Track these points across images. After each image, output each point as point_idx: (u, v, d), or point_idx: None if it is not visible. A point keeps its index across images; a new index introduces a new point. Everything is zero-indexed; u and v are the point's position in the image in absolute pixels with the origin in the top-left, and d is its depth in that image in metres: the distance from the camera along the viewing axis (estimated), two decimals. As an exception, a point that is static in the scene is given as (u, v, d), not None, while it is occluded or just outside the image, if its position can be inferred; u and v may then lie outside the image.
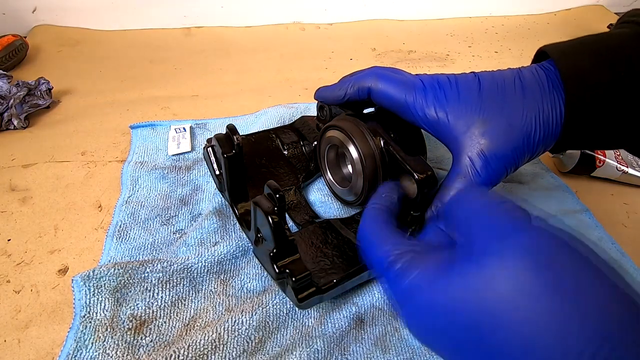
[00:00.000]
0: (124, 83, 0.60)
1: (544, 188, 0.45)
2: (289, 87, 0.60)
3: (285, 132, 0.44)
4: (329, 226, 0.35)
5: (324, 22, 0.78)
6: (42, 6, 0.69)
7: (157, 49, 0.68)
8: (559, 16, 0.84)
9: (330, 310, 0.32)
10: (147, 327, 0.30)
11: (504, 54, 0.72)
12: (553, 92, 0.28)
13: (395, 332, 0.32)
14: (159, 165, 0.43)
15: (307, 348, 0.30)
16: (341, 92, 0.35)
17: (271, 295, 0.32)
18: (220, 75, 0.63)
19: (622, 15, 0.33)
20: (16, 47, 0.60)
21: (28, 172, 0.43)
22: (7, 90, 0.49)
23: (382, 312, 0.33)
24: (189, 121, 0.50)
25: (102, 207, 0.40)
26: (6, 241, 0.37)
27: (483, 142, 0.28)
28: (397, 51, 0.71)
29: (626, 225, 0.43)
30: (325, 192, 0.41)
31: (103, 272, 0.31)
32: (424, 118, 0.30)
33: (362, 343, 0.31)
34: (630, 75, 0.27)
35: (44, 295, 0.33)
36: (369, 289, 0.34)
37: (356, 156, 0.33)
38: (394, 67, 0.34)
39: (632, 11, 0.32)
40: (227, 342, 0.29)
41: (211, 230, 0.36)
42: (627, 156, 0.46)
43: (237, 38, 0.73)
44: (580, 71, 0.28)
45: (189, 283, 0.33)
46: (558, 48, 0.30)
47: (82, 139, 0.48)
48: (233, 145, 0.34)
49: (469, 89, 0.30)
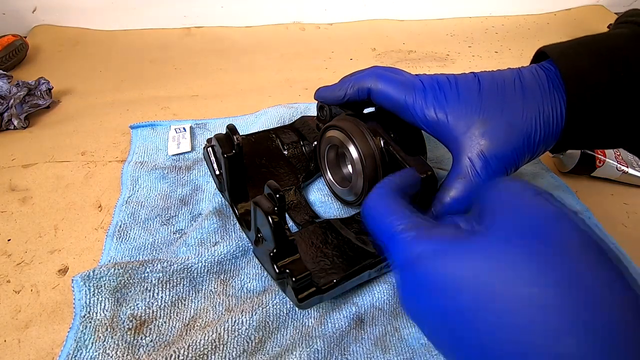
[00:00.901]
0: (124, 83, 0.60)
1: (544, 188, 0.45)
2: (289, 87, 0.60)
3: (285, 132, 0.44)
4: (329, 226, 0.35)
5: (324, 22, 0.78)
6: (42, 6, 0.69)
7: (157, 49, 0.68)
8: (559, 16, 0.84)
9: (330, 310, 0.32)
10: (147, 327, 0.30)
11: (504, 54, 0.72)
12: (554, 93, 0.28)
13: (395, 332, 0.32)
14: (159, 165, 0.43)
15: (307, 348, 0.30)
16: (341, 93, 0.35)
17: (271, 295, 0.32)
18: (220, 75, 0.63)
19: (620, 15, 0.33)
20: (16, 47, 0.60)
21: (28, 172, 0.43)
22: (7, 90, 0.49)
23: (382, 312, 0.33)
24: (189, 121, 0.50)
25: (102, 207, 0.40)
26: (6, 241, 0.37)
27: (483, 143, 0.28)
28: (397, 51, 0.71)
29: (626, 225, 0.43)
30: (325, 192, 0.41)
31: (103, 272, 0.31)
32: (424, 119, 0.30)
33: (362, 343, 0.31)
34: (629, 76, 0.27)
35: (44, 295, 0.33)
36: (369, 289, 0.34)
37: (356, 156, 0.33)
38: (394, 67, 0.34)
39: (630, 11, 0.32)
40: (227, 342, 0.29)
41: (211, 230, 0.36)
42: (627, 156, 0.46)
43: (237, 38, 0.73)
44: (580, 71, 0.28)
45: (189, 283, 0.33)
46: (557, 48, 0.30)
47: (82, 139, 0.48)
48: (233, 145, 0.34)
49: (469, 89, 0.30)
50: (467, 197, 0.29)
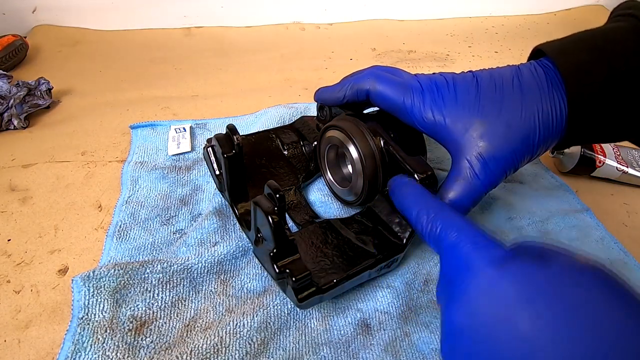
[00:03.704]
0: (124, 83, 0.60)
1: (544, 188, 0.45)
2: (289, 87, 0.60)
3: (285, 132, 0.44)
4: (329, 226, 0.35)
5: (324, 22, 0.78)
6: (42, 6, 0.69)
7: (157, 49, 0.68)
8: (559, 16, 0.84)
9: (334, 316, 0.32)
10: (148, 328, 0.30)
11: (504, 54, 0.72)
12: (552, 91, 0.28)
13: (405, 337, 0.31)
14: (159, 165, 0.43)
15: (315, 355, 0.29)
16: (340, 94, 0.35)
17: (272, 296, 0.32)
18: (220, 75, 0.63)
19: (615, 8, 0.32)
20: (16, 47, 0.60)
21: (28, 172, 0.43)
22: (7, 90, 0.49)
23: (389, 315, 0.32)
24: (189, 121, 0.50)
25: (102, 207, 0.40)
26: (6, 241, 0.37)
27: (481, 145, 0.28)
28: (397, 51, 0.71)
29: (627, 225, 0.43)
30: (325, 192, 0.41)
31: (103, 273, 0.31)
32: (422, 121, 0.30)
33: (371, 349, 0.30)
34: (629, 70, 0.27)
35: (44, 295, 0.33)
36: (372, 294, 0.33)
37: (356, 156, 0.33)
38: (393, 67, 0.34)
39: (626, 3, 0.31)
40: (229, 345, 0.29)
41: (211, 230, 0.36)
42: (627, 156, 0.46)
43: (237, 38, 0.73)
44: (579, 67, 0.28)
45: (189, 283, 0.33)
46: (554, 46, 0.30)
47: (82, 139, 0.48)
48: (233, 145, 0.34)
49: (467, 90, 0.29)
50: (466, 198, 0.29)
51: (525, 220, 0.41)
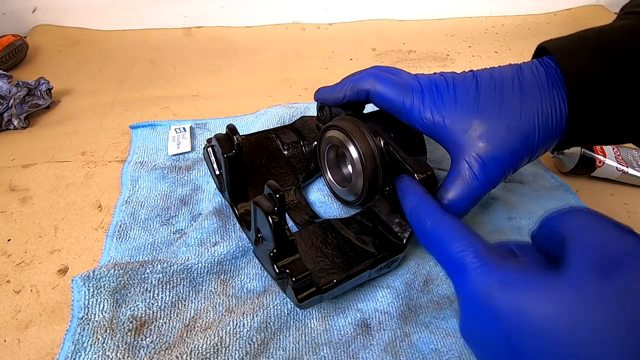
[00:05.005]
0: (124, 83, 0.60)
1: (544, 188, 0.45)
2: (289, 87, 0.60)
3: (285, 132, 0.44)
4: (329, 226, 0.35)
5: (324, 22, 0.78)
6: (42, 6, 0.69)
7: (157, 49, 0.68)
8: (559, 16, 0.84)
9: (334, 316, 0.32)
10: (148, 328, 0.30)
11: (504, 54, 0.72)
12: (552, 91, 0.28)
13: (405, 337, 0.31)
14: (159, 165, 0.43)
15: (314, 355, 0.29)
16: (340, 94, 0.35)
17: (272, 296, 0.32)
18: (220, 75, 0.63)
19: (625, 4, 0.32)
20: (16, 47, 0.60)
21: (28, 172, 0.43)
22: (7, 90, 0.49)
23: (389, 316, 0.32)
24: (189, 121, 0.50)
25: (102, 207, 0.40)
26: (6, 241, 0.37)
27: (481, 145, 0.28)
28: (397, 51, 0.71)
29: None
30: (325, 192, 0.41)
31: (103, 273, 0.31)
32: (421, 121, 0.30)
33: (371, 349, 0.30)
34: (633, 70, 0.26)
35: (44, 295, 0.33)
36: (372, 294, 0.33)
37: (356, 156, 0.33)
38: (394, 67, 0.34)
39: (634, 1, 0.31)
40: (229, 345, 0.29)
41: (211, 230, 0.36)
42: (627, 156, 0.46)
43: (237, 38, 0.73)
44: (581, 68, 0.27)
45: (189, 283, 0.33)
46: (558, 44, 0.29)
47: (82, 139, 0.48)
48: (233, 145, 0.34)
49: (466, 90, 0.29)
50: (465, 199, 0.29)
51: (525, 220, 0.41)
